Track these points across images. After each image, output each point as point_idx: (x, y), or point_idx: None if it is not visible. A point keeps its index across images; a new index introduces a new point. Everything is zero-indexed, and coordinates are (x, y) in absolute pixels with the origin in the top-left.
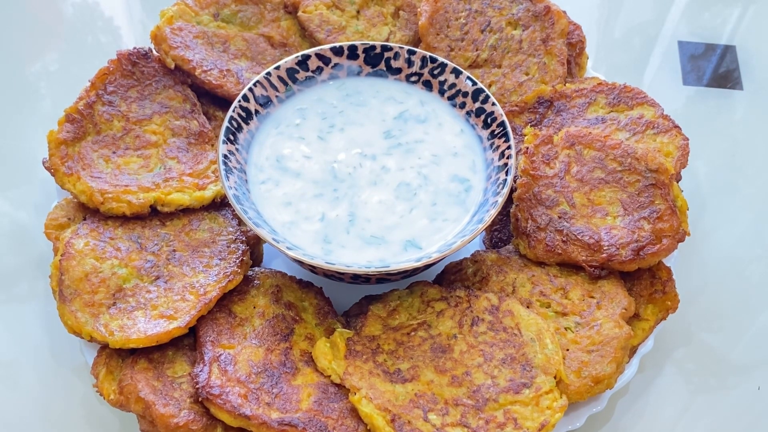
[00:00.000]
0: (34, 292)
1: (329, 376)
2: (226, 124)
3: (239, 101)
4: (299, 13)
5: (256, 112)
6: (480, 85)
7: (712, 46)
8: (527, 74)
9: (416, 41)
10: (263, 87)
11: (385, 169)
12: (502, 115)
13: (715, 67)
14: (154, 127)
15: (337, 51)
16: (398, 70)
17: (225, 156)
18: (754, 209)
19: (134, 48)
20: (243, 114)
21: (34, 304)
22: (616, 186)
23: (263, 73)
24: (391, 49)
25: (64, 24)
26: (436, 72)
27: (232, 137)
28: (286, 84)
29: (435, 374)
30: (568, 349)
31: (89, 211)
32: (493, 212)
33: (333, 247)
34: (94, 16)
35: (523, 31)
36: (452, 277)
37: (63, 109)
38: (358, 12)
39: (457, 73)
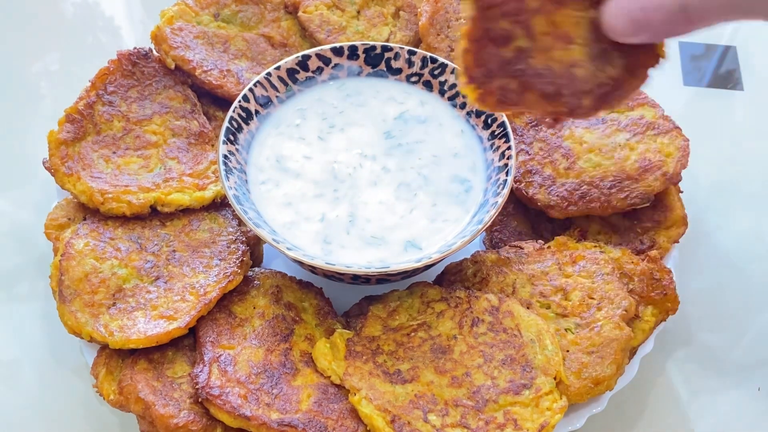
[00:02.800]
0: (34, 292)
1: (329, 377)
2: (226, 124)
3: (239, 101)
4: (299, 14)
5: (257, 112)
6: None
7: (712, 46)
8: None
9: (417, 41)
10: (263, 87)
11: (386, 169)
12: (502, 115)
13: (715, 68)
14: (154, 128)
15: (338, 51)
16: (398, 71)
17: (225, 156)
18: (755, 210)
19: (134, 48)
20: (243, 114)
21: (34, 304)
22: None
23: (263, 74)
24: (391, 49)
25: (65, 24)
26: (436, 72)
27: (232, 137)
28: (286, 84)
29: (435, 375)
30: (568, 351)
31: (89, 211)
32: (494, 213)
33: (333, 248)
34: (94, 15)
35: None
36: (452, 278)
37: (63, 109)
38: (358, 12)
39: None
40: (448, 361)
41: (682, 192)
